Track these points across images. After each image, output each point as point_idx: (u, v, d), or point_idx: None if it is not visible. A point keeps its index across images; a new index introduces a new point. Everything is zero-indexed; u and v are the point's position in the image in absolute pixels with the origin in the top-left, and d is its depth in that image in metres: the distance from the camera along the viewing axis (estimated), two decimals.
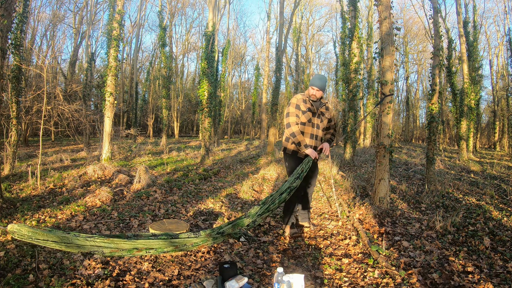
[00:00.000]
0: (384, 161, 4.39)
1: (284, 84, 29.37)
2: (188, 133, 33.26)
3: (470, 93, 12.14)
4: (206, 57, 10.38)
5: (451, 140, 23.62)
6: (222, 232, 2.50)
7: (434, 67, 6.41)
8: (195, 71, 33.95)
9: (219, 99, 19.13)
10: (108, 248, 2.02)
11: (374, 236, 3.47)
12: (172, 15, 23.57)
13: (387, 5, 4.45)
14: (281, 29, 12.04)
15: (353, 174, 7.62)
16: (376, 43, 4.81)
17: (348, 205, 4.76)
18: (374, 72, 18.38)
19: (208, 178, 7.01)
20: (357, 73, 10.06)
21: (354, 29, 9.78)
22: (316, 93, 3.37)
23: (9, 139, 6.55)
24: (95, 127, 10.89)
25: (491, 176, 8.01)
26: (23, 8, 6.65)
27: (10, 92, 6.69)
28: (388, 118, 4.41)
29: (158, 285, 2.31)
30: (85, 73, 14.90)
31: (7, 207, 3.96)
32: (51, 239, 1.87)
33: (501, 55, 23.07)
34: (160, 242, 2.26)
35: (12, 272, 2.35)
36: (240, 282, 2.19)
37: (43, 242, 1.86)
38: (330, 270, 2.70)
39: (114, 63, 8.11)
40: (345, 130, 10.30)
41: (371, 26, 18.91)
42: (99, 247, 1.99)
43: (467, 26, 12.80)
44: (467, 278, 2.44)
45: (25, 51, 8.77)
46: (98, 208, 4.20)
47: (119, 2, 8.14)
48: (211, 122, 10.36)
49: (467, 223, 3.77)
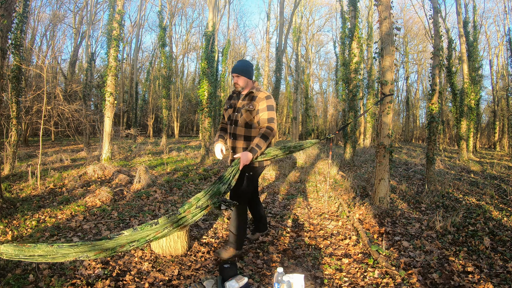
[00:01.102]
0: (384, 161, 4.39)
1: (284, 84, 29.37)
2: (188, 133, 33.25)
3: (470, 93, 12.14)
4: (206, 57, 10.38)
5: (451, 140, 23.62)
6: (201, 205, 2.47)
7: (434, 67, 6.41)
8: (195, 71, 33.95)
9: (219, 99, 19.12)
10: (92, 251, 2.05)
11: (374, 236, 3.48)
12: (172, 15, 23.56)
13: (387, 5, 4.45)
14: (281, 29, 12.04)
15: (353, 174, 7.62)
16: (376, 43, 4.81)
17: (348, 205, 4.76)
18: (374, 72, 18.37)
19: (208, 178, 7.01)
20: (357, 73, 10.05)
21: (354, 29, 9.78)
22: (238, 81, 2.74)
23: (9, 139, 6.55)
24: (95, 127, 10.89)
25: (491, 176, 8.01)
26: (23, 8, 6.65)
27: (10, 92, 6.69)
28: (388, 118, 4.41)
29: (158, 285, 2.31)
30: (85, 73, 14.91)
31: (7, 207, 3.96)
32: (37, 254, 1.91)
33: (501, 55, 23.07)
34: (142, 233, 2.27)
35: (12, 272, 2.35)
36: (240, 282, 2.19)
37: (30, 258, 1.89)
38: (330, 270, 2.71)
39: (114, 63, 8.11)
40: (345, 130, 10.30)
41: (371, 26, 18.90)
42: (83, 253, 2.02)
43: (467, 26, 12.80)
44: (467, 278, 2.44)
45: (25, 51, 8.78)
46: (98, 208, 4.20)
47: (119, 2, 8.14)
48: (211, 122, 10.36)
49: (467, 223, 3.77)
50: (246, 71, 2.74)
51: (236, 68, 2.75)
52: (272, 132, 2.61)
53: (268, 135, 2.59)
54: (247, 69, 2.76)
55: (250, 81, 2.80)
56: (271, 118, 2.63)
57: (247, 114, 2.69)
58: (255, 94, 2.71)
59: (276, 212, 4.46)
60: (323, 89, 36.40)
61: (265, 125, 2.62)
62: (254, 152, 2.55)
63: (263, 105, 2.65)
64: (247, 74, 2.76)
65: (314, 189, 6.22)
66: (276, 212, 4.46)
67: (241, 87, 2.77)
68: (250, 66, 2.80)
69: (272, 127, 2.61)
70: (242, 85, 2.76)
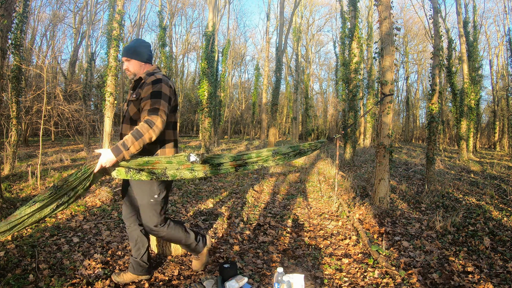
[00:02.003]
0: (384, 161, 4.39)
1: (284, 84, 29.40)
2: (188, 133, 33.25)
3: (470, 93, 12.14)
4: (206, 57, 10.39)
5: (451, 140, 23.63)
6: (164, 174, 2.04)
7: (434, 67, 6.42)
8: (195, 71, 33.97)
9: (219, 99, 19.13)
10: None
11: (374, 236, 3.48)
12: (172, 15, 23.58)
13: (387, 5, 4.45)
14: (281, 29, 12.04)
15: (353, 174, 7.62)
16: (376, 43, 4.81)
17: (348, 205, 4.76)
18: (374, 72, 18.38)
19: (208, 178, 7.01)
20: (357, 73, 10.06)
21: (354, 29, 9.79)
22: (128, 67, 2.19)
23: (9, 139, 6.55)
24: (95, 127, 10.90)
25: (491, 176, 8.01)
26: (23, 8, 6.65)
27: (10, 92, 6.69)
28: (388, 118, 4.41)
29: (158, 285, 2.31)
30: (85, 73, 14.91)
31: (7, 207, 3.96)
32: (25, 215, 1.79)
33: (501, 55, 23.09)
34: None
35: (12, 272, 2.35)
36: (240, 282, 2.19)
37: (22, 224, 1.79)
38: (330, 270, 2.70)
39: (114, 63, 8.12)
40: (345, 130, 10.30)
41: (371, 26, 18.91)
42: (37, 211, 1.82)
43: (467, 26, 12.80)
44: (467, 278, 2.44)
45: (25, 51, 8.78)
46: (98, 208, 4.20)
47: (119, 2, 8.14)
48: (211, 122, 10.36)
49: (467, 223, 3.77)
50: (137, 53, 2.15)
51: (125, 50, 2.18)
52: (152, 128, 1.89)
53: (142, 131, 1.88)
54: (138, 50, 2.16)
55: (145, 64, 2.20)
56: (153, 109, 1.93)
57: (132, 107, 2.11)
58: (144, 79, 2.11)
59: (276, 212, 4.47)
60: (323, 89, 36.45)
61: (145, 118, 1.93)
62: (116, 152, 1.86)
63: (148, 92, 2.00)
64: (140, 56, 2.16)
65: (314, 189, 6.22)
66: (276, 212, 4.47)
67: (132, 73, 2.19)
68: (144, 46, 2.20)
69: (152, 120, 1.90)
70: (134, 71, 2.18)
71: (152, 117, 1.91)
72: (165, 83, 2.04)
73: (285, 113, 32.35)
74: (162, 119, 1.92)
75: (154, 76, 2.07)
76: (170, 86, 2.08)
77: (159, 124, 1.91)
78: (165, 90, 2.02)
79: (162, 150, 2.13)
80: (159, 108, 1.94)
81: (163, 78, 2.07)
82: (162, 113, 1.94)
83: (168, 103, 2.03)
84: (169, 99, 2.04)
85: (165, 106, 1.99)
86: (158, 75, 2.09)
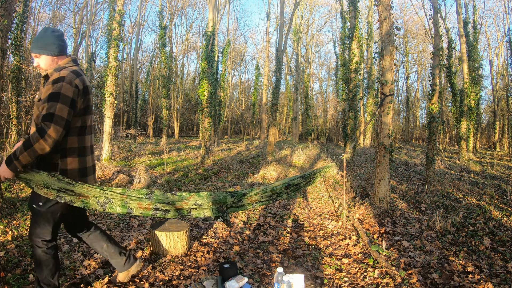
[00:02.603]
0: (384, 161, 4.39)
1: (284, 84, 29.41)
2: (188, 133, 33.25)
3: (470, 93, 12.15)
4: (206, 57, 10.38)
5: (451, 140, 23.63)
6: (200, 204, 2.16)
7: (434, 67, 6.42)
8: (195, 71, 34.00)
9: (219, 99, 19.13)
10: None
11: (374, 236, 3.48)
12: (172, 15, 23.57)
13: (387, 5, 4.45)
14: (281, 29, 12.03)
15: (353, 174, 7.62)
16: (376, 43, 4.81)
17: (348, 205, 4.76)
18: (374, 72, 18.38)
19: (208, 178, 7.01)
20: (357, 73, 10.06)
21: (354, 29, 9.79)
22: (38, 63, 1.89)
23: (9, 139, 6.55)
24: (95, 127, 10.90)
25: (491, 176, 8.01)
26: (23, 8, 6.66)
27: (10, 92, 6.70)
28: (388, 118, 4.41)
29: (158, 285, 2.31)
30: (85, 73, 14.89)
31: (7, 207, 3.96)
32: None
33: (501, 55, 23.10)
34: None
35: (12, 272, 2.35)
36: (240, 282, 2.19)
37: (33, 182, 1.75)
38: (330, 270, 2.70)
39: (114, 63, 8.12)
40: (345, 130, 10.30)
41: (371, 26, 18.90)
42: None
43: (467, 26, 12.80)
44: (467, 278, 2.44)
45: (25, 51, 8.78)
46: None
47: (119, 2, 8.14)
48: (211, 122, 10.36)
49: (467, 223, 3.77)
50: (46, 46, 1.84)
51: (32, 44, 1.88)
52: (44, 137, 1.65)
53: (32, 141, 1.65)
54: (47, 42, 1.84)
55: (58, 57, 1.89)
56: (48, 115, 1.67)
57: (35, 109, 1.84)
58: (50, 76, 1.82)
59: (276, 212, 4.47)
60: (323, 89, 36.45)
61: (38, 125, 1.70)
62: (8, 163, 1.68)
63: (46, 93, 1.73)
64: (49, 50, 1.85)
65: (314, 189, 6.22)
66: (276, 212, 4.47)
67: (44, 70, 1.88)
68: (54, 36, 1.87)
69: (44, 128, 1.65)
70: (46, 67, 1.88)
71: (46, 124, 1.66)
72: (67, 82, 1.74)
73: (285, 113, 32.35)
74: (56, 127, 1.66)
75: (59, 73, 1.78)
76: (75, 85, 1.77)
77: (52, 133, 1.66)
78: (66, 91, 1.72)
79: (63, 161, 1.84)
80: (54, 114, 1.67)
81: (68, 75, 1.77)
82: (58, 119, 1.67)
83: (70, 106, 1.74)
84: (72, 101, 1.74)
85: (64, 111, 1.70)
86: (64, 71, 1.79)
